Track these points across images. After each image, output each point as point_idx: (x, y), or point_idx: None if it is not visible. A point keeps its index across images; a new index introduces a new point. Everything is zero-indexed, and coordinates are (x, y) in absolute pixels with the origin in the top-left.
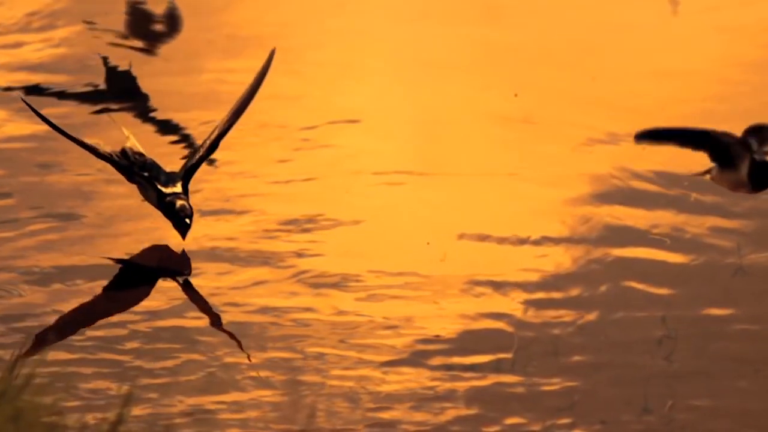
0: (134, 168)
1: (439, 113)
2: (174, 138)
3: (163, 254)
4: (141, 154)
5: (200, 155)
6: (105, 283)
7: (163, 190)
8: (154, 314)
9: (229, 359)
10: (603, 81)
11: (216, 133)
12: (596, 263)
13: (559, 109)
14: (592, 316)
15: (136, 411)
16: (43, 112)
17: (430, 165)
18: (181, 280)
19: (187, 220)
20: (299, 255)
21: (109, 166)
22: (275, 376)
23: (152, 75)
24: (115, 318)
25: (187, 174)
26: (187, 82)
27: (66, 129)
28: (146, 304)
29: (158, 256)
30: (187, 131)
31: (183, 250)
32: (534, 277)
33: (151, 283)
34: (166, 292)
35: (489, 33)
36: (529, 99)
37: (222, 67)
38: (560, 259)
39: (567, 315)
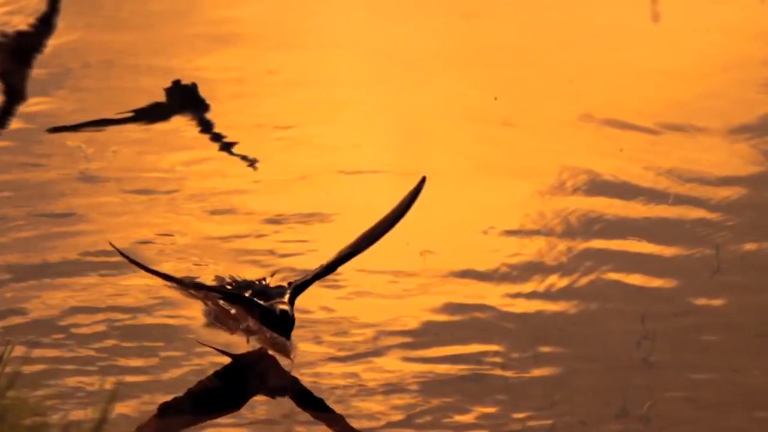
0: (241, 293)
1: (419, 113)
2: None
3: (262, 362)
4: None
5: (316, 273)
6: (89, 279)
7: (264, 304)
8: (137, 311)
9: (214, 358)
10: (580, 83)
11: (343, 254)
12: (576, 256)
13: (538, 111)
14: (571, 309)
15: (121, 408)
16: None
17: (410, 164)
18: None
19: (288, 326)
20: (280, 254)
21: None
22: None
23: (124, 74)
24: (100, 316)
25: (296, 290)
26: (161, 82)
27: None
28: (127, 302)
29: (256, 363)
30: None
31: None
32: (515, 270)
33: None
34: (148, 290)
35: (469, 33)
36: (509, 101)
37: (195, 65)
38: (541, 252)
39: (547, 308)
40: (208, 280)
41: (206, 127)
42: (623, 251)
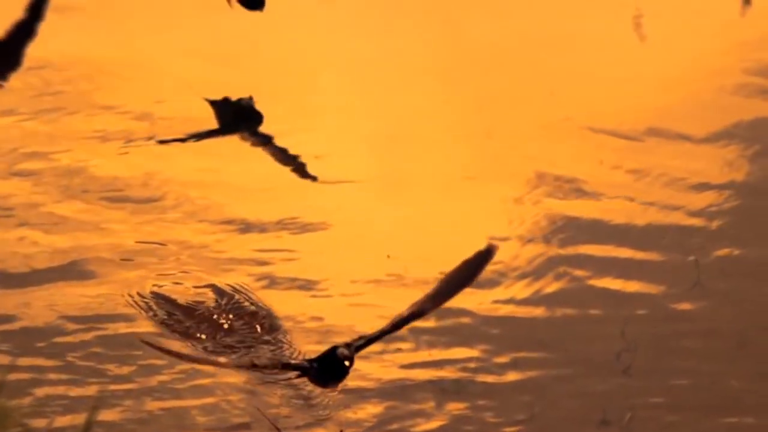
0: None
1: (401, 123)
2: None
3: None
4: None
5: (383, 330)
6: (73, 288)
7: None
8: (121, 318)
9: (198, 365)
10: (562, 91)
11: (407, 314)
12: (558, 262)
13: (521, 119)
14: (552, 315)
15: (104, 415)
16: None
17: (392, 173)
18: None
19: (347, 363)
20: (263, 262)
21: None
22: (241, 380)
23: (105, 87)
24: (83, 324)
25: (362, 345)
26: (143, 94)
27: None
28: (110, 310)
29: None
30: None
31: None
32: (497, 276)
33: None
34: (131, 299)
35: (451, 43)
36: (492, 109)
37: (176, 77)
38: (523, 258)
39: (528, 313)
40: (195, 287)
41: (264, 140)
42: (605, 257)
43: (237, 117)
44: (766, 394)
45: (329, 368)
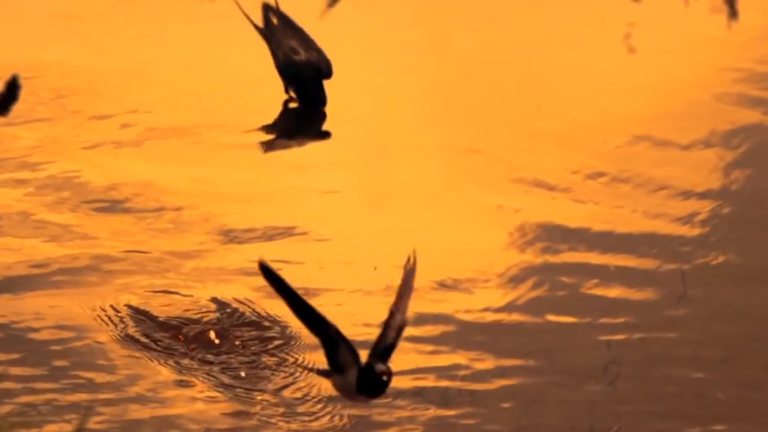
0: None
1: (391, 133)
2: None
3: None
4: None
5: (394, 337)
6: (60, 299)
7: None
8: (106, 327)
9: (173, 375)
10: (548, 100)
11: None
12: (544, 270)
13: (508, 127)
14: (538, 323)
15: (91, 424)
16: None
17: (377, 183)
18: None
19: (385, 378)
20: (253, 271)
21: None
22: (225, 385)
23: (106, 99)
24: (71, 332)
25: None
26: (143, 105)
27: None
28: (95, 318)
29: None
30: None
31: None
32: (484, 284)
33: None
34: (117, 307)
35: (436, 57)
36: (480, 120)
37: (172, 88)
38: (509, 267)
39: (513, 320)
40: (185, 297)
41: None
42: (590, 264)
43: (300, 120)
44: (753, 403)
45: (368, 383)
